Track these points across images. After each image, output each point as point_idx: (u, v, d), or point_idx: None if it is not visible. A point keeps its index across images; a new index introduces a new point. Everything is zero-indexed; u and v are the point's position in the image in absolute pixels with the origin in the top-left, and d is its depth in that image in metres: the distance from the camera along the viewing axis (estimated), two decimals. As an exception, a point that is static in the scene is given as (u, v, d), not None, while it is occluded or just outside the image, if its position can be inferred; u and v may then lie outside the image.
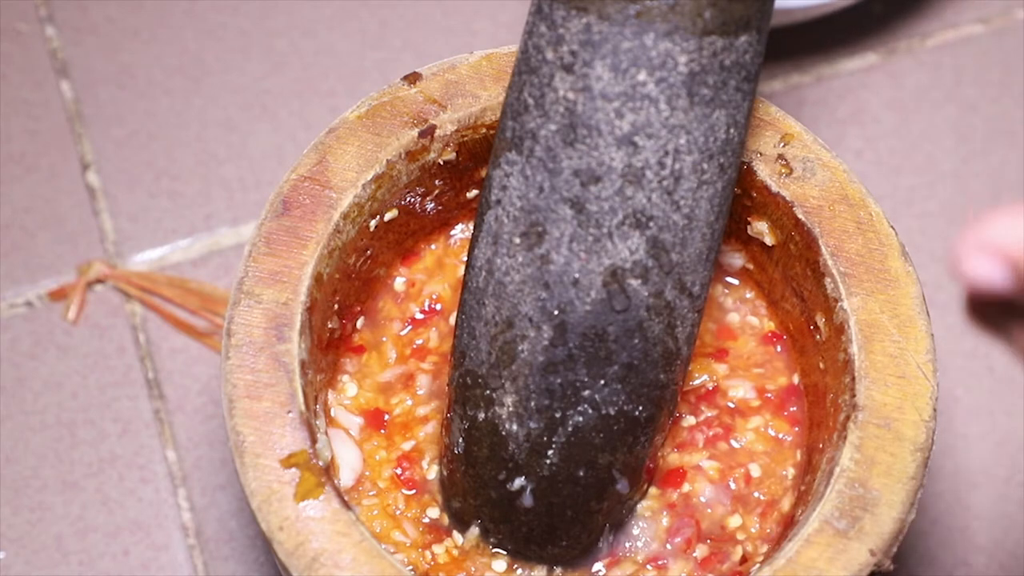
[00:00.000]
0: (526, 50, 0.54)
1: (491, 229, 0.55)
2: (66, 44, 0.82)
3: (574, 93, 0.52)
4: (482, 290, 0.55)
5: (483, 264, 0.55)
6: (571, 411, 0.55)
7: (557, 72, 0.52)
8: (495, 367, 0.55)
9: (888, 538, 0.53)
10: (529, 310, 0.54)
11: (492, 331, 0.55)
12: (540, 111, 0.53)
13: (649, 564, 0.60)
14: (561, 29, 0.52)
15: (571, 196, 0.53)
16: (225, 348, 0.56)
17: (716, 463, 0.61)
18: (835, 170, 0.59)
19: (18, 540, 0.71)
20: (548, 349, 0.54)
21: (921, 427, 0.55)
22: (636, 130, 0.52)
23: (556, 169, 0.53)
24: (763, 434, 0.62)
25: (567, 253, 0.53)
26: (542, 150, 0.53)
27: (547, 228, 0.53)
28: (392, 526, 0.60)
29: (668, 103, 0.52)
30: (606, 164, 0.52)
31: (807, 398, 0.61)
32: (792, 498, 0.60)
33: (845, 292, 0.57)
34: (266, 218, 0.58)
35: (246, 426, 0.55)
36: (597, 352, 0.54)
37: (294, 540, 0.53)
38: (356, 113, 0.60)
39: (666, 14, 0.51)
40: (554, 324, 0.54)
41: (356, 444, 0.61)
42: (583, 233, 0.53)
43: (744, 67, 0.53)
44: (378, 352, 0.63)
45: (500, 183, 0.55)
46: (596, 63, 0.51)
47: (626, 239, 0.53)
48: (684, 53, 0.51)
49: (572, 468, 0.56)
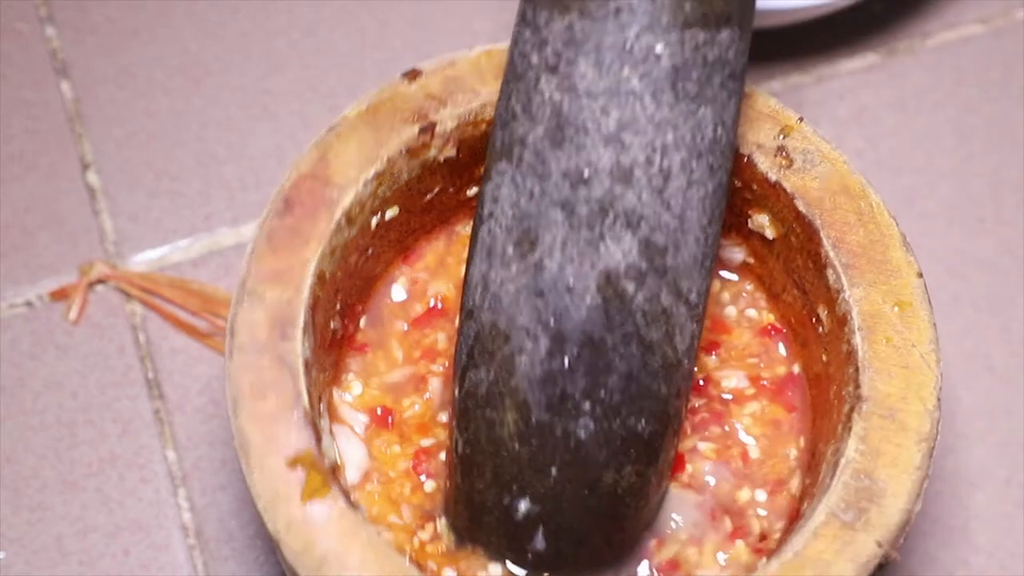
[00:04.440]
0: (512, 59, 0.54)
1: (485, 243, 0.55)
2: (66, 44, 0.82)
3: (560, 93, 0.52)
4: (479, 307, 0.55)
5: (478, 280, 0.55)
6: (572, 424, 0.55)
7: (543, 74, 0.52)
8: (494, 384, 0.55)
9: (895, 529, 0.53)
10: (525, 321, 0.54)
11: (490, 348, 0.55)
12: (528, 116, 0.53)
13: (691, 543, 0.60)
14: (545, 31, 0.52)
15: (561, 199, 0.53)
16: (229, 348, 0.56)
17: (711, 444, 0.61)
18: (835, 161, 0.59)
19: (18, 540, 0.71)
20: (546, 360, 0.54)
21: (926, 417, 0.55)
22: (622, 127, 0.52)
23: (546, 173, 0.53)
24: (760, 418, 0.62)
25: (560, 258, 0.53)
26: (531, 155, 0.53)
27: (539, 234, 0.53)
28: (389, 510, 0.59)
29: (653, 98, 0.52)
30: (594, 164, 0.52)
31: (810, 390, 0.62)
32: (800, 478, 0.60)
33: (847, 283, 0.57)
34: (268, 217, 0.58)
35: (251, 426, 0.54)
36: (595, 361, 0.54)
37: (301, 541, 0.53)
38: (356, 110, 0.60)
39: (646, 8, 0.51)
40: (551, 333, 0.53)
41: (362, 441, 0.60)
42: (575, 236, 0.53)
43: (728, 63, 0.53)
44: (384, 351, 0.63)
45: (492, 195, 0.54)
46: (580, 61, 0.52)
47: (618, 240, 0.53)
48: (666, 46, 0.51)
49: (577, 488, 0.56)
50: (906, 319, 0.56)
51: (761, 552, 0.59)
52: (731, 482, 0.60)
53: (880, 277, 0.57)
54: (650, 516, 0.59)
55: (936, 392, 0.55)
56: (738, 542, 0.59)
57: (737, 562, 0.59)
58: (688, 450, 0.61)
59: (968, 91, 0.82)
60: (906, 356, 0.56)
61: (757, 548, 0.59)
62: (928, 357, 0.56)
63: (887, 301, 0.56)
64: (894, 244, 0.58)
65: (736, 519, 0.60)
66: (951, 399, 0.75)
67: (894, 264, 0.57)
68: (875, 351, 0.56)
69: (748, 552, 0.59)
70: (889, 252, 0.57)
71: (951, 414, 0.74)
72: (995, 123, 0.82)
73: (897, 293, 0.57)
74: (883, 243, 0.58)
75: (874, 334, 0.56)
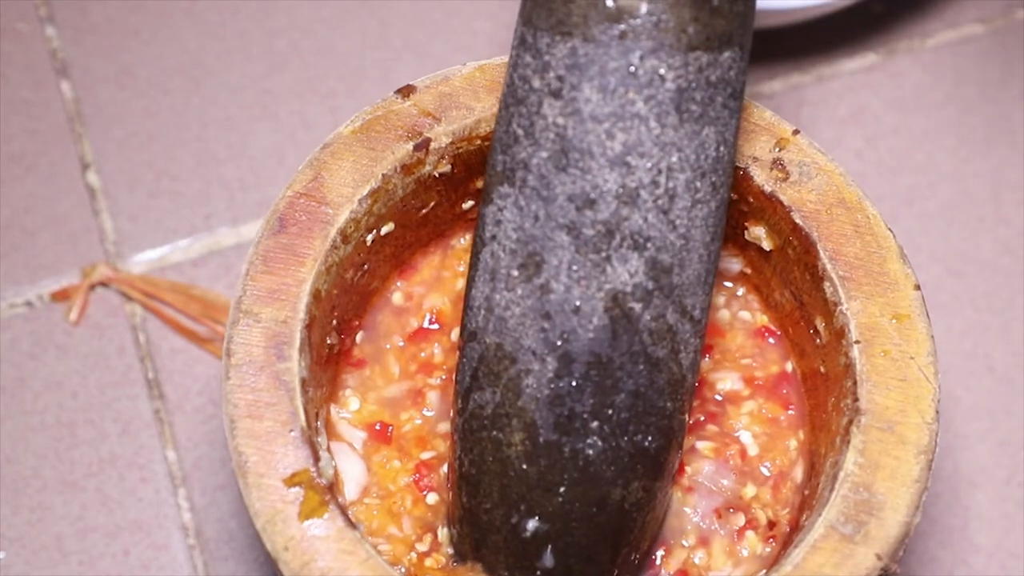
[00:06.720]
0: (512, 82, 0.54)
1: (487, 266, 0.55)
2: (66, 44, 0.82)
3: (564, 118, 0.52)
4: (483, 329, 0.55)
5: (481, 303, 0.55)
6: (580, 443, 0.55)
7: (545, 99, 0.52)
8: (500, 406, 0.55)
9: (894, 542, 0.53)
10: (532, 343, 0.54)
11: (495, 369, 0.55)
12: (530, 140, 0.53)
13: (698, 546, 0.60)
14: (547, 56, 0.52)
15: (567, 222, 0.52)
16: (225, 368, 0.56)
17: (709, 443, 0.61)
18: (831, 173, 0.59)
19: (18, 540, 0.71)
20: (554, 381, 0.54)
21: (924, 429, 0.55)
22: (628, 150, 0.52)
23: (550, 196, 0.53)
24: (757, 416, 0.62)
25: (567, 280, 0.53)
26: (535, 179, 0.53)
27: (545, 257, 0.53)
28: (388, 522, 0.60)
29: (658, 120, 0.52)
30: (600, 187, 0.52)
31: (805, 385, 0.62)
32: (803, 467, 0.61)
33: (844, 296, 0.57)
34: (263, 236, 0.58)
35: (248, 446, 0.55)
36: (603, 381, 0.54)
37: (300, 560, 0.53)
38: (350, 128, 0.60)
39: (651, 31, 0.51)
40: (558, 355, 0.53)
41: (360, 457, 0.61)
42: (581, 259, 0.53)
43: (729, 83, 0.53)
44: (381, 366, 0.63)
45: (494, 218, 0.54)
46: (584, 85, 0.51)
47: (625, 262, 0.53)
48: (670, 69, 0.51)
49: (585, 505, 0.56)
50: (904, 331, 0.56)
51: (772, 540, 0.60)
52: (732, 480, 0.61)
53: (877, 289, 0.57)
54: (656, 528, 0.59)
55: (934, 405, 0.55)
56: (748, 533, 0.60)
57: (753, 555, 0.60)
58: (687, 451, 0.61)
59: (968, 91, 0.82)
60: (904, 369, 0.56)
61: (768, 537, 0.60)
62: (926, 370, 0.56)
63: (885, 314, 0.56)
64: (891, 256, 0.58)
65: (745, 513, 0.60)
66: (951, 399, 0.75)
67: (892, 276, 0.57)
68: (873, 364, 0.56)
69: (760, 542, 0.60)
70: (887, 264, 0.57)
71: (951, 414, 0.74)
72: (995, 123, 0.82)
73: (895, 305, 0.57)
74: (880, 255, 0.58)
75: (872, 347, 0.56)
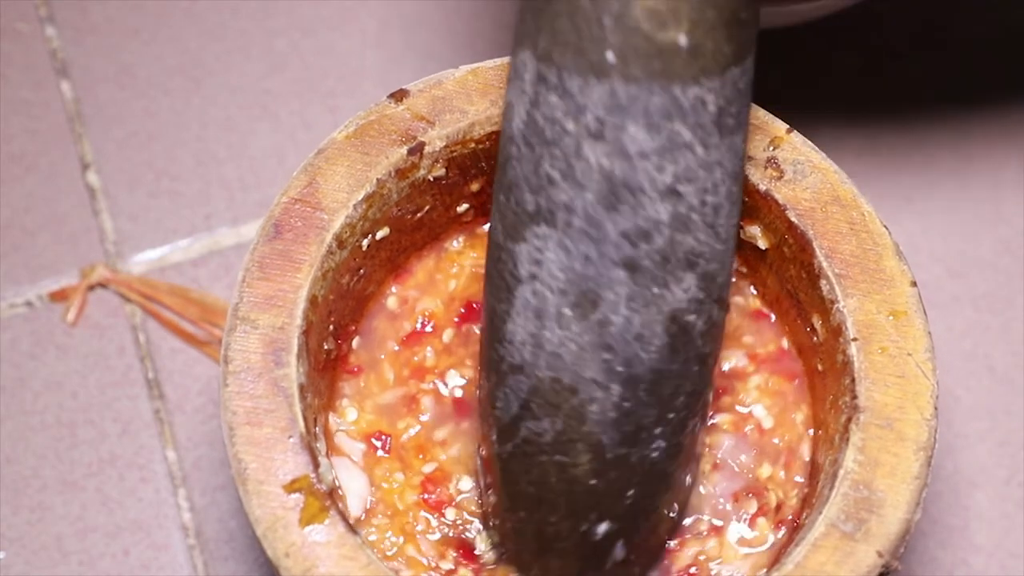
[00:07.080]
0: (535, 121, 0.51)
1: (530, 304, 0.53)
2: (66, 44, 0.82)
3: (609, 160, 0.50)
4: (531, 364, 0.54)
5: (525, 339, 0.54)
6: (646, 451, 0.55)
7: (584, 141, 0.50)
8: (563, 433, 0.54)
9: (895, 539, 0.53)
10: (594, 374, 0.53)
11: (553, 400, 0.54)
12: (571, 183, 0.51)
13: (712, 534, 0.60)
14: (581, 98, 0.50)
15: (622, 258, 0.51)
16: (223, 375, 0.56)
17: (727, 415, 0.62)
18: (826, 172, 0.59)
19: (18, 540, 0.71)
20: (619, 405, 0.53)
21: (923, 426, 0.55)
22: (677, 179, 0.51)
23: (601, 236, 0.51)
24: (765, 389, 0.62)
25: (626, 312, 0.52)
26: (582, 220, 0.51)
27: (601, 294, 0.52)
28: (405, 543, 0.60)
29: (702, 144, 0.51)
30: (653, 219, 0.51)
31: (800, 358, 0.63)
32: (809, 443, 0.61)
33: (841, 293, 0.57)
34: (259, 242, 0.58)
35: (247, 453, 0.55)
36: (664, 391, 0.54)
37: (301, 566, 0.53)
38: (344, 133, 0.60)
39: (690, 61, 0.49)
40: (621, 379, 0.53)
41: (362, 470, 0.61)
42: (640, 290, 0.52)
43: (750, 85, 0.52)
44: (376, 373, 0.63)
45: (531, 258, 0.53)
46: (628, 126, 0.50)
47: (680, 282, 0.52)
48: (710, 92, 0.50)
49: (652, 500, 0.57)
50: (901, 328, 0.56)
51: (780, 525, 0.60)
52: (750, 456, 0.61)
53: (874, 287, 0.57)
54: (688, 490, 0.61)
55: (933, 401, 0.55)
56: (760, 520, 0.60)
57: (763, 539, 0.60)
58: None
59: (968, 90, 0.82)
60: (902, 366, 0.56)
61: (778, 521, 0.60)
62: (924, 366, 0.56)
63: (882, 311, 0.56)
64: (887, 253, 0.58)
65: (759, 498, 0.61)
66: (950, 399, 0.75)
67: (888, 273, 0.57)
68: (871, 361, 0.56)
69: (770, 527, 0.60)
70: (883, 261, 0.57)
71: (951, 414, 0.74)
72: (995, 123, 0.82)
73: (892, 302, 0.57)
74: (876, 252, 0.58)
75: (869, 344, 0.56)
